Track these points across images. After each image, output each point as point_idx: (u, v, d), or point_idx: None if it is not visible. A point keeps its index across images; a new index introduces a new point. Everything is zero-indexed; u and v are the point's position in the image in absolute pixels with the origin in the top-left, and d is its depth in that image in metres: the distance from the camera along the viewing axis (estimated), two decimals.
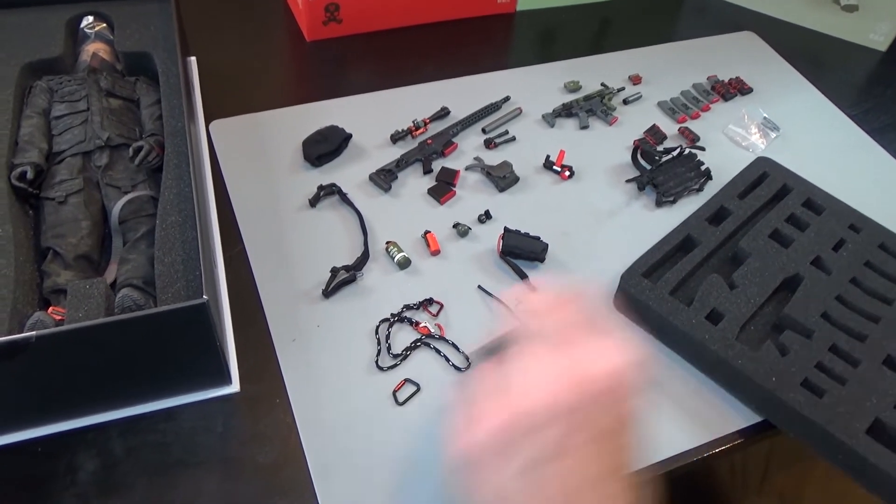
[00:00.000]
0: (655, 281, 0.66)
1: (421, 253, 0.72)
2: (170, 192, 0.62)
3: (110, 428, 0.57)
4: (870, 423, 0.56)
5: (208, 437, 0.57)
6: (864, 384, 0.59)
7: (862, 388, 0.58)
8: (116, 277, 0.60)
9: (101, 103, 0.70)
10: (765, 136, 0.90)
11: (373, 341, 0.64)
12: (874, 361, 0.61)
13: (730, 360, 0.60)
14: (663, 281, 0.66)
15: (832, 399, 0.57)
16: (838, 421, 0.56)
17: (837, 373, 0.60)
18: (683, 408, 0.62)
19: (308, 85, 0.93)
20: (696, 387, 0.64)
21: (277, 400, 0.60)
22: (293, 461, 0.56)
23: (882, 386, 0.59)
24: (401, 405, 0.60)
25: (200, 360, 0.56)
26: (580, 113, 0.90)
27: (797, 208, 0.73)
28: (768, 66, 1.03)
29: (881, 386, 0.59)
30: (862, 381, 0.59)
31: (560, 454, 0.41)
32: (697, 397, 0.63)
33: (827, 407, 0.57)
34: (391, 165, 0.79)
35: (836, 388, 0.58)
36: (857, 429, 0.56)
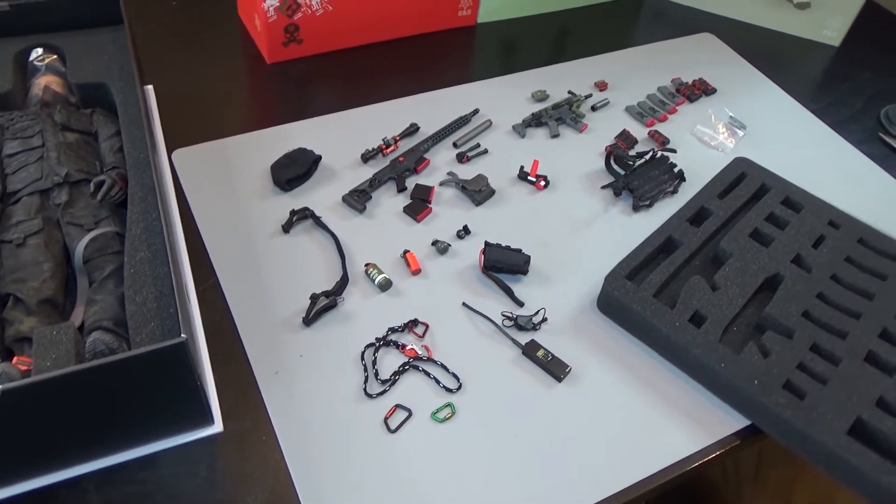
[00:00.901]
0: (639, 283, 0.66)
1: (401, 273, 0.70)
2: (137, 226, 0.60)
3: (85, 481, 0.54)
4: (851, 424, 0.56)
5: (192, 483, 0.54)
6: (845, 382, 0.59)
7: (843, 386, 0.58)
8: (84, 320, 0.57)
9: (56, 138, 0.67)
10: (732, 134, 0.91)
11: (359, 368, 0.62)
12: (855, 358, 0.61)
13: (713, 363, 0.60)
14: (647, 283, 0.66)
15: (813, 400, 0.57)
16: (820, 423, 0.56)
17: (819, 372, 0.60)
18: (674, 412, 0.62)
19: (272, 108, 0.91)
20: (684, 389, 0.63)
21: (264, 437, 0.57)
22: (285, 500, 0.54)
23: (863, 383, 0.59)
24: (393, 433, 0.58)
25: (180, 402, 0.53)
26: (550, 122, 0.89)
27: (776, 207, 0.74)
28: (729, 65, 1.05)
29: (862, 383, 0.59)
30: (843, 379, 0.59)
31: None
32: (687, 400, 0.62)
33: (808, 409, 0.57)
34: (364, 185, 0.78)
35: (817, 389, 0.58)
36: (838, 429, 0.55)
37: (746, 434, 0.61)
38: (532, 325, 0.66)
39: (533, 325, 0.67)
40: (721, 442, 0.60)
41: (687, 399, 0.62)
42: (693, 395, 0.63)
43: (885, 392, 0.58)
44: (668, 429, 0.60)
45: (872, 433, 0.56)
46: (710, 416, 0.61)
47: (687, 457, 0.59)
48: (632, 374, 0.64)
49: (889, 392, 0.58)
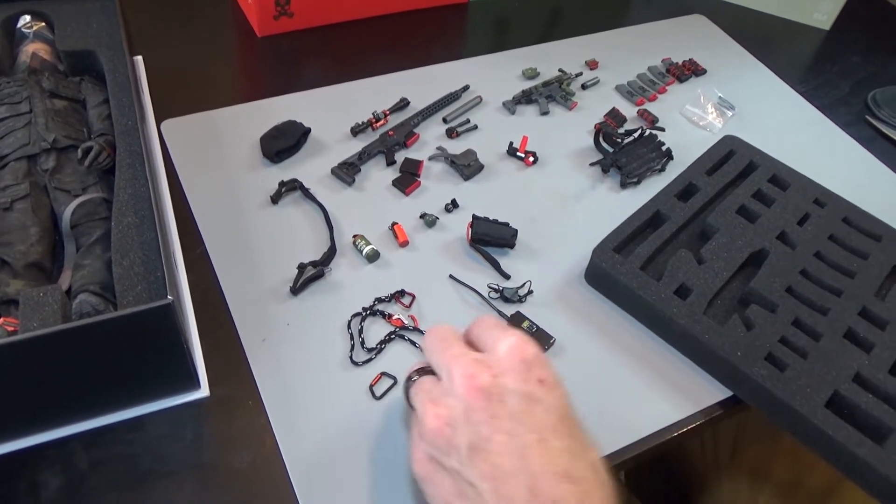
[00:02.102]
0: (626, 256, 0.67)
1: (389, 245, 0.71)
2: (124, 192, 0.60)
3: (72, 442, 0.54)
4: (828, 397, 0.57)
5: (179, 445, 0.55)
6: (824, 358, 0.60)
7: (822, 361, 0.60)
8: (71, 285, 0.57)
9: (44, 104, 0.67)
10: (721, 115, 0.92)
11: (345, 336, 0.63)
12: (835, 335, 0.62)
13: (697, 334, 0.61)
14: (634, 256, 0.67)
15: (794, 373, 0.58)
16: (799, 395, 0.57)
17: (800, 346, 0.61)
18: (658, 382, 0.63)
19: (262, 81, 0.90)
20: (669, 360, 0.64)
21: (250, 402, 0.58)
22: (270, 464, 0.55)
23: (842, 359, 0.60)
24: (379, 399, 0.59)
25: (167, 366, 0.54)
26: (540, 99, 0.90)
27: (763, 184, 0.75)
28: (719, 47, 1.05)
29: (841, 359, 0.60)
30: (823, 355, 0.60)
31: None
32: (672, 371, 0.63)
33: (789, 381, 0.58)
34: (353, 158, 0.78)
35: (797, 363, 0.59)
36: (816, 402, 0.57)
37: (729, 405, 0.62)
38: (518, 298, 0.67)
39: (519, 298, 0.67)
40: (704, 411, 0.61)
41: (671, 369, 0.64)
42: (677, 365, 0.64)
43: (862, 368, 0.60)
44: (653, 398, 0.61)
45: (848, 407, 0.58)
46: (694, 387, 0.62)
47: (670, 425, 0.60)
48: (617, 346, 0.65)
49: (865, 368, 0.60)
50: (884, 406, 0.57)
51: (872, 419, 0.56)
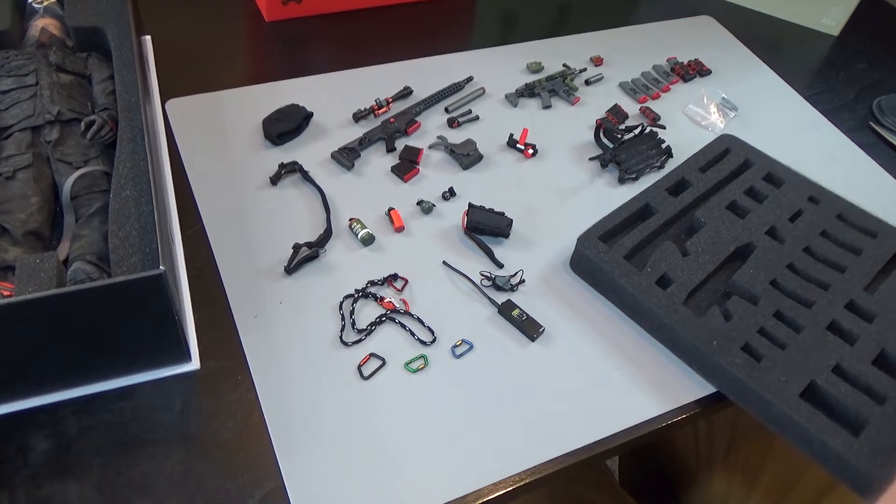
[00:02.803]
0: (612, 245, 0.67)
1: (385, 230, 0.71)
2: (124, 166, 0.61)
3: (63, 408, 0.55)
4: (804, 387, 0.57)
5: (167, 415, 0.56)
6: (804, 349, 0.60)
7: (801, 352, 0.60)
8: (69, 254, 0.58)
9: (50, 78, 0.68)
10: (724, 115, 0.92)
11: (337, 317, 0.63)
12: (818, 326, 0.62)
13: (673, 324, 0.61)
14: (618, 245, 0.67)
15: (770, 363, 0.59)
16: (773, 384, 0.57)
17: (778, 338, 0.61)
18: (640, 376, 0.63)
19: (268, 65, 0.91)
20: (651, 353, 0.65)
21: (239, 377, 0.59)
22: (256, 437, 0.55)
23: (823, 350, 0.60)
24: (366, 379, 0.60)
25: (158, 336, 0.55)
26: (543, 93, 0.90)
27: (757, 181, 0.75)
28: (726, 49, 1.05)
29: (822, 350, 0.60)
30: (802, 346, 0.60)
31: None
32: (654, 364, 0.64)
33: (764, 370, 0.58)
34: (354, 144, 0.79)
35: (774, 353, 0.59)
36: (790, 392, 0.57)
37: (709, 402, 0.62)
38: (510, 286, 0.68)
39: (510, 286, 0.68)
40: (685, 407, 0.61)
41: (653, 362, 0.64)
42: (659, 358, 0.64)
43: (843, 359, 0.59)
44: (634, 391, 0.62)
45: (825, 397, 0.58)
46: (675, 381, 0.63)
47: (650, 419, 0.60)
48: (602, 337, 0.65)
49: (846, 360, 0.59)
50: (863, 397, 0.57)
51: (850, 410, 0.56)
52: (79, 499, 0.51)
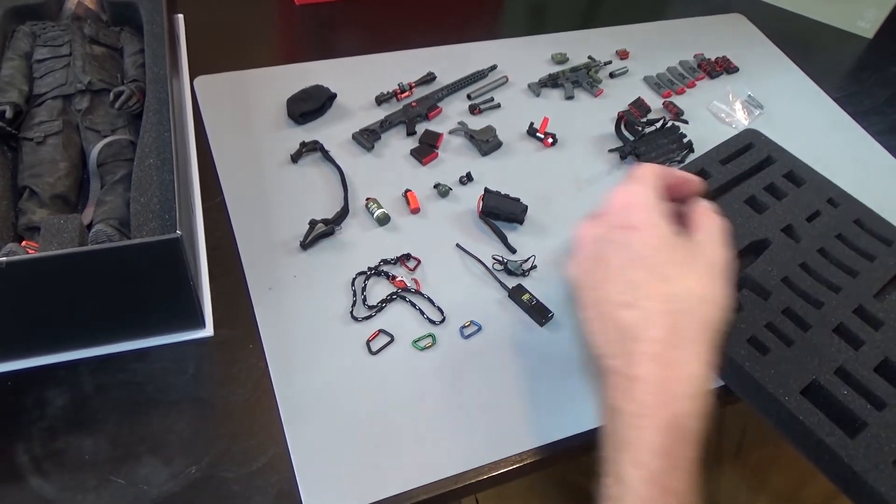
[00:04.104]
0: None
1: (401, 210, 0.72)
2: (149, 135, 0.62)
3: (81, 366, 0.57)
4: (806, 385, 0.57)
5: (180, 379, 0.58)
6: (809, 347, 0.59)
7: (807, 350, 0.59)
8: (93, 219, 0.60)
9: (83, 49, 0.70)
10: (749, 113, 0.91)
11: (348, 293, 0.64)
12: (825, 327, 0.61)
13: None
14: None
15: (774, 357, 0.58)
16: (776, 378, 0.57)
17: (786, 334, 0.60)
18: None
19: (295, 47, 0.93)
20: None
21: (251, 345, 0.60)
22: (264, 404, 0.57)
23: (828, 351, 0.59)
24: (374, 355, 0.61)
25: (173, 301, 0.56)
26: (566, 84, 0.90)
27: (777, 178, 0.74)
28: (755, 47, 1.04)
29: (827, 351, 0.59)
30: (808, 345, 0.59)
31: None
32: None
33: (768, 364, 0.58)
34: (375, 125, 0.80)
35: (780, 348, 0.59)
36: (792, 388, 0.56)
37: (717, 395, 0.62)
38: (521, 271, 0.68)
39: (522, 271, 0.68)
40: None
41: None
42: None
43: (847, 363, 0.59)
44: None
45: (826, 397, 0.57)
46: None
47: None
48: None
49: (850, 363, 0.59)
50: (862, 401, 0.56)
51: (849, 412, 0.56)
52: (92, 452, 0.53)
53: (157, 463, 0.53)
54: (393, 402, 0.58)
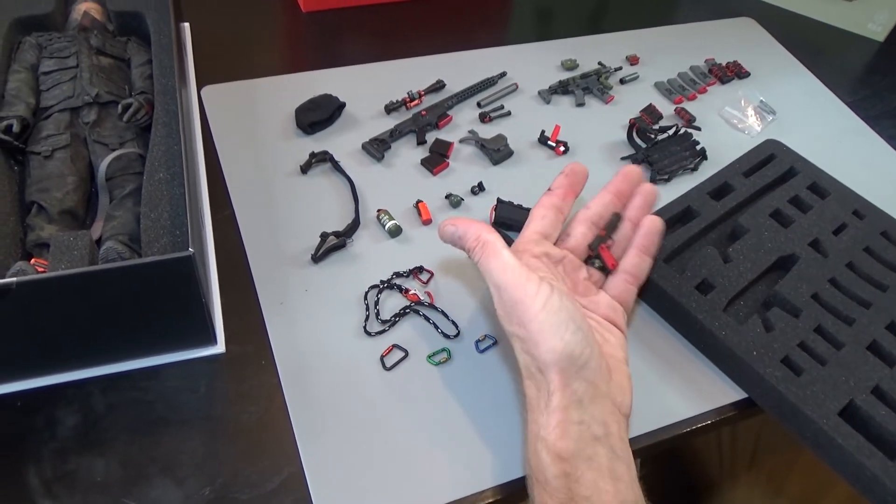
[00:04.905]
0: None
1: (412, 222, 0.71)
2: (158, 149, 0.61)
3: (91, 384, 0.56)
4: (843, 405, 0.56)
5: (191, 397, 0.57)
6: (844, 366, 0.59)
7: (841, 370, 0.58)
8: (102, 234, 0.59)
9: (90, 60, 0.69)
10: (761, 119, 0.90)
11: (361, 307, 0.64)
12: (859, 345, 0.60)
13: (714, 330, 0.60)
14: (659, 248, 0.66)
15: (809, 378, 0.57)
16: (812, 400, 0.56)
17: (819, 353, 0.60)
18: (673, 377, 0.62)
19: (303, 55, 0.92)
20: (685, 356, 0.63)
21: (263, 362, 0.59)
22: (278, 422, 0.56)
23: (863, 370, 0.58)
24: (388, 370, 0.60)
25: (185, 318, 0.55)
26: (576, 90, 0.89)
27: (802, 191, 0.73)
28: (766, 52, 1.03)
29: (862, 370, 0.58)
30: (842, 364, 0.59)
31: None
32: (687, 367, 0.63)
33: (803, 385, 0.57)
34: (385, 135, 0.79)
35: (815, 368, 0.58)
36: (829, 409, 0.55)
37: (743, 406, 0.61)
38: None
39: None
40: (717, 410, 0.60)
41: (687, 365, 0.63)
42: (694, 362, 0.63)
43: (882, 381, 0.58)
44: (665, 392, 0.61)
45: (863, 418, 0.56)
46: (709, 385, 0.62)
47: (681, 420, 0.59)
48: (634, 336, 0.64)
49: (886, 381, 0.58)
50: None
51: (887, 433, 0.55)
52: (103, 474, 0.52)
53: (169, 484, 0.52)
54: (409, 419, 0.57)
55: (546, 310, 0.47)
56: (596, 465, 0.46)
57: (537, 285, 0.48)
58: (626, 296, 0.57)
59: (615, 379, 0.50)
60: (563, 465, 0.46)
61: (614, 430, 0.48)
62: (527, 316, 0.47)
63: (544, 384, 0.47)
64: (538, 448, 0.47)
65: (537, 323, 0.47)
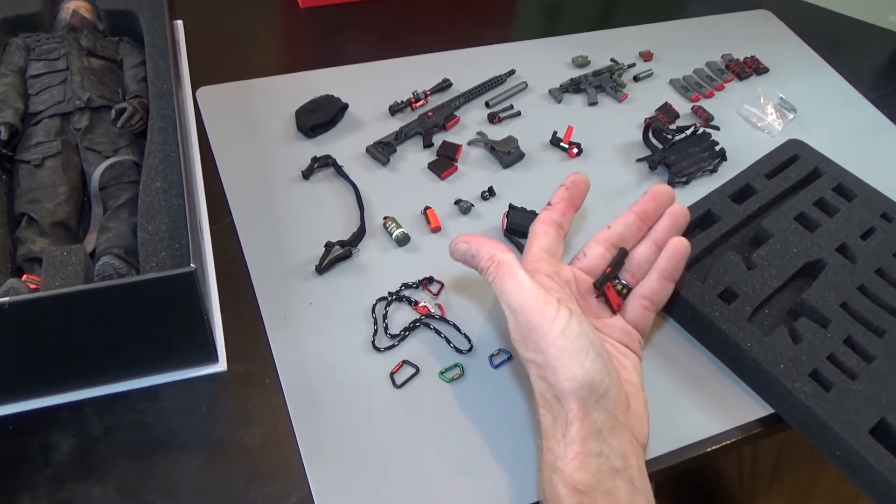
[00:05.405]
0: None
1: (420, 229, 0.70)
2: (154, 156, 0.60)
3: (86, 406, 0.55)
4: (874, 423, 0.55)
5: (192, 418, 0.56)
6: (875, 381, 0.58)
7: (873, 385, 0.57)
8: (96, 247, 0.58)
9: (81, 62, 0.68)
10: (781, 116, 0.89)
11: (369, 321, 0.63)
12: (890, 358, 0.60)
13: (739, 341, 0.59)
14: None
15: (839, 394, 0.56)
16: (842, 417, 0.55)
17: (849, 367, 0.59)
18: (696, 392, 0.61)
19: (302, 53, 0.91)
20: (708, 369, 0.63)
21: (267, 380, 0.58)
22: (283, 444, 0.55)
23: (894, 384, 0.58)
24: (399, 388, 0.59)
25: (185, 336, 0.55)
26: (589, 89, 0.88)
27: (827, 193, 0.72)
28: (784, 45, 1.02)
29: (894, 384, 0.58)
30: (873, 378, 0.58)
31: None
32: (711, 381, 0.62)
33: (833, 401, 0.56)
34: (390, 138, 0.78)
35: (845, 383, 0.57)
36: (860, 427, 0.54)
37: (769, 423, 0.60)
38: None
39: None
40: (742, 427, 0.59)
41: (709, 379, 0.62)
42: (717, 375, 0.62)
43: None
44: (686, 408, 0.60)
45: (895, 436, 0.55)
46: (734, 400, 0.61)
47: (705, 439, 0.58)
48: (652, 349, 0.63)
49: None
50: None
51: None
52: (101, 501, 0.51)
53: None
54: (421, 439, 0.56)
55: (565, 335, 0.46)
56: (615, 498, 0.45)
57: (556, 309, 0.47)
58: (643, 322, 0.56)
59: (633, 407, 0.49)
60: (580, 498, 0.45)
61: (633, 461, 0.47)
62: (545, 341, 0.46)
63: (561, 413, 0.46)
64: (554, 479, 0.46)
65: (556, 349, 0.46)
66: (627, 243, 0.58)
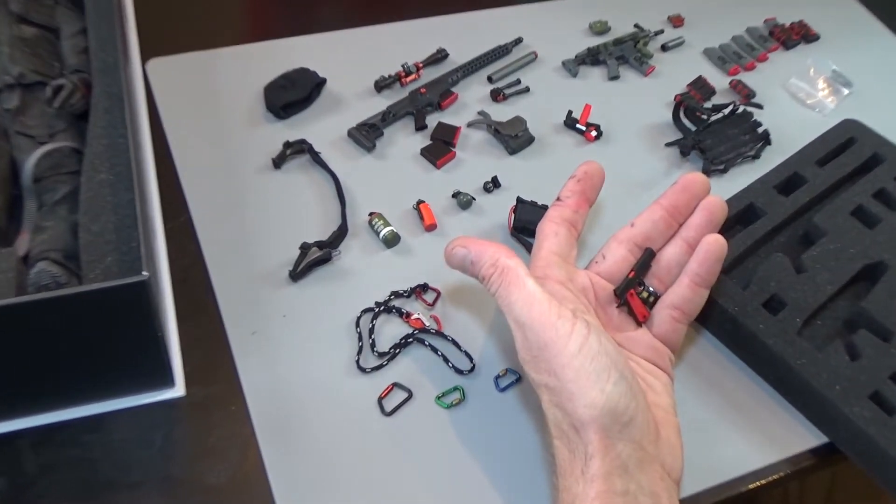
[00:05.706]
0: None
1: (412, 228, 0.71)
2: (98, 142, 0.60)
3: (20, 439, 0.55)
4: None
5: (145, 453, 0.56)
6: None
7: None
8: (29, 250, 0.58)
9: (10, 30, 0.68)
10: (835, 92, 0.90)
11: (353, 336, 0.63)
12: None
13: (788, 358, 0.60)
14: None
15: None
16: None
17: None
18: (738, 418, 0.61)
19: (271, 18, 0.91)
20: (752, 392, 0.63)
21: (233, 407, 0.59)
22: (252, 482, 0.55)
23: None
24: (388, 415, 0.59)
25: (136, 355, 0.55)
26: (609, 60, 0.89)
27: (889, 182, 0.73)
28: (838, 9, 1.04)
29: None
30: None
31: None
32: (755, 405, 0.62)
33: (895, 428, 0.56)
34: (375, 119, 0.78)
35: None
36: None
37: (822, 454, 0.61)
38: None
39: None
40: (791, 460, 0.60)
41: (753, 403, 0.62)
42: (761, 398, 0.63)
43: None
44: (728, 437, 0.60)
45: None
46: (781, 427, 0.61)
47: (748, 473, 0.59)
48: (687, 368, 0.64)
49: None
50: None
51: None
52: None
53: None
54: (415, 476, 0.56)
55: (582, 354, 0.46)
56: None
57: (571, 324, 0.47)
58: (673, 336, 0.56)
59: (663, 436, 0.49)
60: None
61: (664, 500, 0.47)
62: (559, 362, 0.46)
63: (580, 446, 0.46)
64: None
65: (572, 371, 0.46)
66: (654, 243, 0.58)
